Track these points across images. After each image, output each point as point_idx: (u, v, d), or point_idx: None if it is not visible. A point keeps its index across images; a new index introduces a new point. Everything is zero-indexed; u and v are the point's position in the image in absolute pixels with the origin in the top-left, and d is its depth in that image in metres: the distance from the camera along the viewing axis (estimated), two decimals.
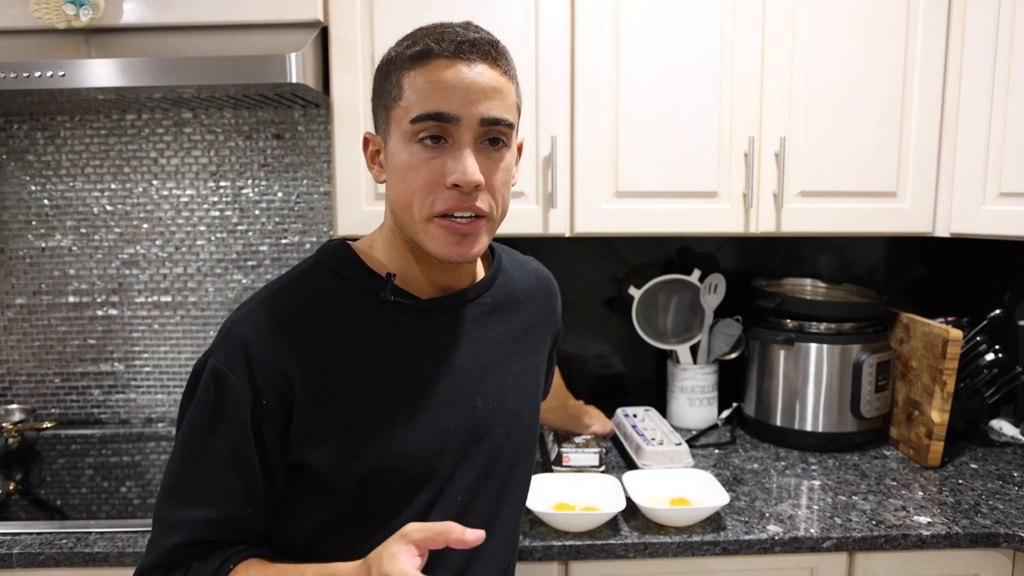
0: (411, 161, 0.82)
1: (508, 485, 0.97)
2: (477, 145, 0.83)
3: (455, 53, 0.81)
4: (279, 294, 0.87)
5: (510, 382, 0.97)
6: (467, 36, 0.82)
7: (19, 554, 1.20)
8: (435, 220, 0.83)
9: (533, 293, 1.05)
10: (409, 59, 0.83)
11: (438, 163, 0.82)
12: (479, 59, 0.82)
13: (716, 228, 1.52)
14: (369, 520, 0.86)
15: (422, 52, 0.82)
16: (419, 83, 0.81)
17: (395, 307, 0.88)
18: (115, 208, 1.80)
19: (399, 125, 0.83)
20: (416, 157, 0.82)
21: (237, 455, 0.83)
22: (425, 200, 0.82)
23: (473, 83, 0.81)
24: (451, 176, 0.81)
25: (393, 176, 0.86)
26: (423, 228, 0.84)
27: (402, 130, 0.83)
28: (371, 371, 0.86)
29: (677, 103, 1.48)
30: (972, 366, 1.63)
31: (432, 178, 0.82)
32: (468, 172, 0.80)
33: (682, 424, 1.76)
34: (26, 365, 1.83)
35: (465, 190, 0.81)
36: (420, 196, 0.83)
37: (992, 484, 1.45)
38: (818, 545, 1.24)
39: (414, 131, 0.82)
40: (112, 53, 1.36)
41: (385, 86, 0.86)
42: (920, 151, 1.52)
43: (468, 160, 0.81)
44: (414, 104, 0.81)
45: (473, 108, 0.81)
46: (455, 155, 0.81)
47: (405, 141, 0.83)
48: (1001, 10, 1.43)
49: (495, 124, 0.82)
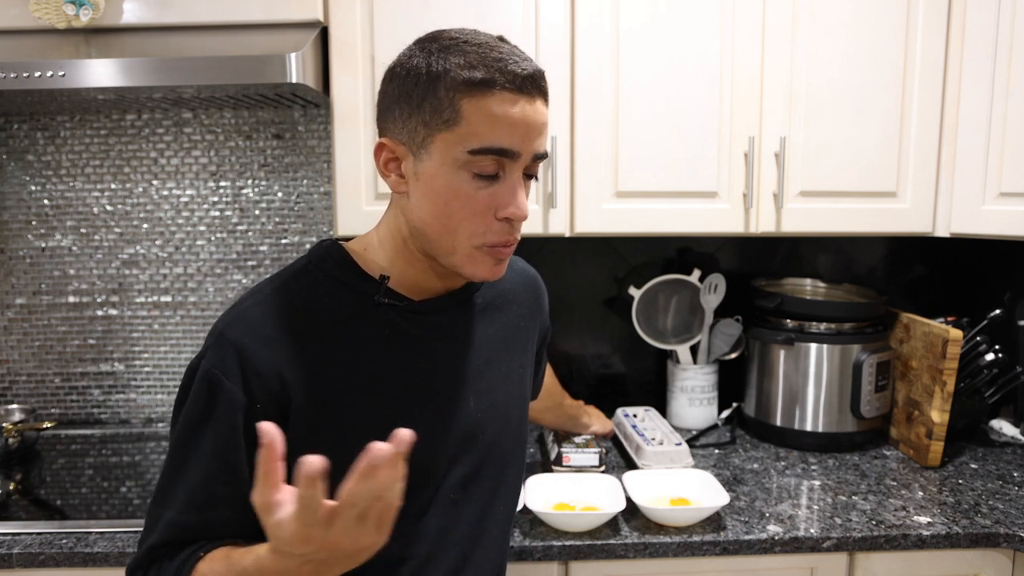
0: (462, 189, 0.82)
1: (500, 484, 0.98)
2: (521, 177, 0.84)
3: (520, 88, 0.80)
4: (272, 296, 0.87)
5: (501, 382, 0.98)
6: (527, 69, 0.81)
7: (19, 554, 1.20)
8: (484, 248, 0.84)
9: (520, 292, 1.05)
10: (466, 84, 0.79)
11: (489, 194, 0.82)
12: (538, 95, 0.82)
13: (716, 228, 1.52)
14: None
15: (484, 81, 0.79)
16: (483, 114, 0.79)
17: (388, 309, 0.89)
18: (115, 208, 1.80)
19: (450, 149, 0.81)
20: (468, 186, 0.82)
21: (224, 459, 0.82)
22: (475, 230, 0.83)
23: (535, 121, 0.82)
24: (506, 210, 0.82)
25: (430, 197, 0.83)
26: (467, 254, 0.84)
27: (453, 156, 0.81)
28: (364, 374, 0.86)
29: (677, 103, 1.48)
30: (972, 366, 1.63)
31: (483, 209, 0.82)
32: (523, 207, 0.83)
33: (682, 424, 1.76)
34: (26, 365, 1.83)
35: (517, 224, 0.84)
36: (469, 225, 0.83)
37: (992, 484, 1.45)
38: (818, 545, 1.24)
39: (471, 161, 0.80)
40: (112, 53, 1.36)
41: (431, 102, 0.80)
42: (920, 151, 1.52)
43: (521, 195, 0.83)
44: (476, 135, 0.79)
45: (531, 144, 0.82)
46: (508, 188, 0.82)
47: (456, 167, 0.81)
48: (1001, 10, 1.43)
49: (543, 158, 0.85)
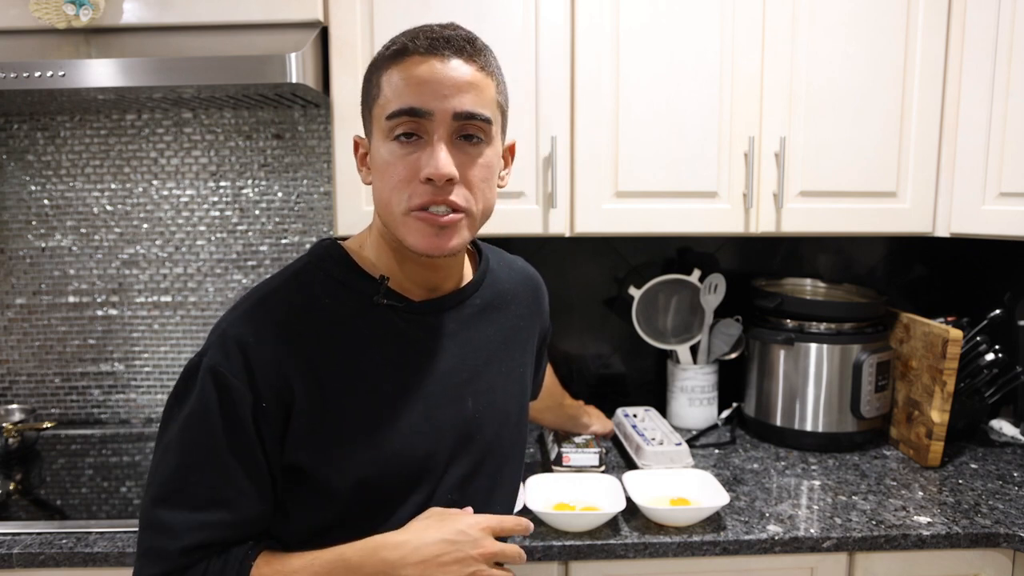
0: (388, 158, 0.83)
1: (497, 483, 0.98)
2: (453, 140, 0.83)
3: (429, 49, 0.82)
4: (273, 295, 0.87)
5: (499, 382, 0.98)
6: (442, 33, 0.83)
7: (19, 554, 1.20)
8: (412, 214, 0.83)
9: (520, 293, 1.05)
10: (387, 58, 0.84)
11: (413, 158, 0.82)
12: (453, 54, 0.82)
13: (716, 228, 1.52)
14: (362, 520, 0.87)
15: (398, 51, 0.83)
16: (394, 80, 0.83)
17: (387, 309, 0.89)
18: (115, 208, 1.80)
19: (378, 124, 0.85)
20: (393, 154, 0.83)
21: (245, 455, 0.82)
22: (402, 195, 0.83)
23: (446, 77, 0.81)
24: (424, 170, 0.81)
25: (375, 175, 0.87)
26: (402, 222, 0.84)
27: (381, 128, 0.84)
28: (364, 374, 0.86)
29: (677, 103, 1.48)
30: (972, 366, 1.63)
31: (407, 173, 0.82)
32: (440, 166, 0.81)
33: (682, 424, 1.76)
34: (26, 365, 1.83)
35: (438, 183, 0.82)
36: (397, 191, 0.83)
37: (992, 484, 1.45)
38: (818, 545, 1.24)
39: (390, 128, 0.83)
40: (112, 53, 1.36)
41: (367, 87, 0.88)
42: (920, 151, 1.52)
43: (440, 154, 0.81)
44: (390, 101, 0.82)
45: (446, 102, 0.81)
46: (428, 150, 0.82)
47: (383, 139, 0.84)
48: (1001, 10, 1.43)
49: (470, 118, 0.83)
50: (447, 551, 0.82)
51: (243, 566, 0.82)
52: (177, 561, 0.81)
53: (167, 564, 0.82)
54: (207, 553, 0.82)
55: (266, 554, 0.84)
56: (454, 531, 0.83)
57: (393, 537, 0.84)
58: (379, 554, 0.82)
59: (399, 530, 0.85)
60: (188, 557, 0.82)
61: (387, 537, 0.84)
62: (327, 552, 0.83)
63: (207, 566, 0.82)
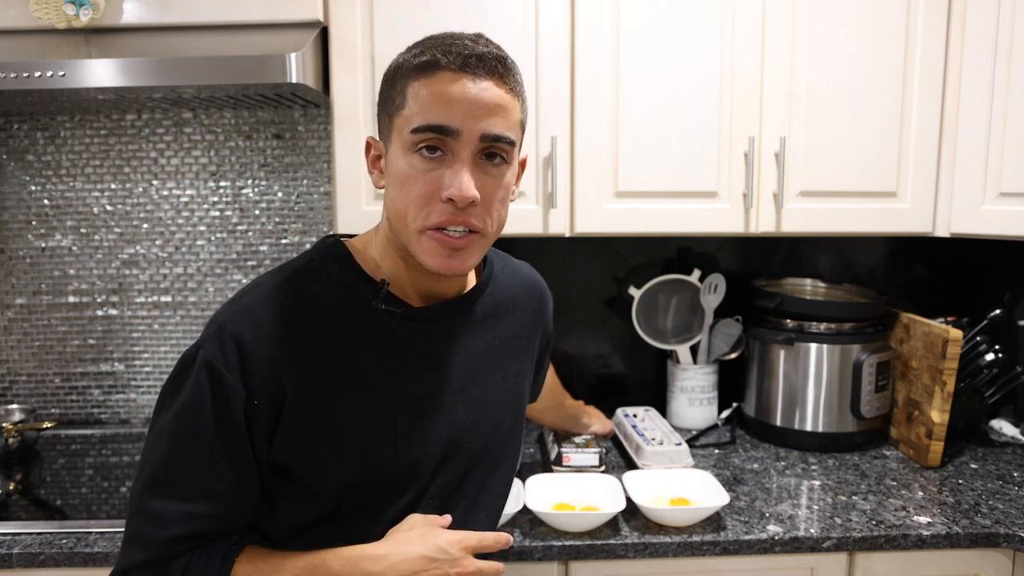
0: (409, 171, 0.82)
1: (484, 490, 0.97)
2: (476, 160, 0.82)
3: (462, 67, 0.80)
4: (273, 292, 0.87)
5: (493, 390, 0.97)
6: (475, 50, 0.81)
7: (19, 554, 1.20)
8: (428, 232, 0.83)
9: (523, 300, 1.05)
10: (415, 69, 0.82)
11: (435, 175, 0.81)
12: (485, 74, 0.81)
13: (716, 228, 1.52)
14: (346, 522, 0.87)
15: (428, 63, 0.81)
16: (423, 94, 0.81)
17: (386, 314, 0.89)
18: (115, 208, 1.80)
19: (400, 134, 0.83)
20: (414, 168, 0.82)
21: (234, 450, 0.83)
22: (420, 212, 0.82)
23: (477, 99, 0.80)
24: (447, 191, 0.81)
25: (391, 184, 0.85)
26: (416, 239, 0.84)
27: (403, 139, 0.83)
28: (358, 378, 0.86)
29: (677, 103, 1.48)
30: (972, 366, 1.63)
31: (428, 190, 0.82)
32: (464, 188, 0.80)
33: (682, 424, 1.76)
34: (26, 365, 1.83)
35: (460, 205, 0.81)
36: (415, 207, 0.82)
37: (992, 484, 1.45)
38: (818, 545, 1.24)
39: (414, 141, 0.81)
40: (112, 53, 1.36)
41: (390, 93, 0.85)
42: (920, 151, 1.52)
43: (464, 176, 0.81)
44: (416, 114, 0.81)
45: (475, 124, 0.80)
46: (452, 169, 0.81)
47: (405, 150, 0.83)
48: (1001, 10, 1.43)
49: (496, 141, 0.82)
50: (426, 568, 0.83)
51: (225, 562, 0.82)
52: (163, 550, 0.82)
53: (153, 552, 0.82)
54: (192, 545, 0.83)
55: (249, 551, 0.84)
56: (434, 548, 0.84)
57: (374, 549, 0.84)
58: (360, 565, 0.83)
59: (380, 542, 0.86)
60: (173, 547, 0.82)
61: (368, 549, 0.85)
62: (310, 556, 0.84)
63: (190, 559, 0.82)
